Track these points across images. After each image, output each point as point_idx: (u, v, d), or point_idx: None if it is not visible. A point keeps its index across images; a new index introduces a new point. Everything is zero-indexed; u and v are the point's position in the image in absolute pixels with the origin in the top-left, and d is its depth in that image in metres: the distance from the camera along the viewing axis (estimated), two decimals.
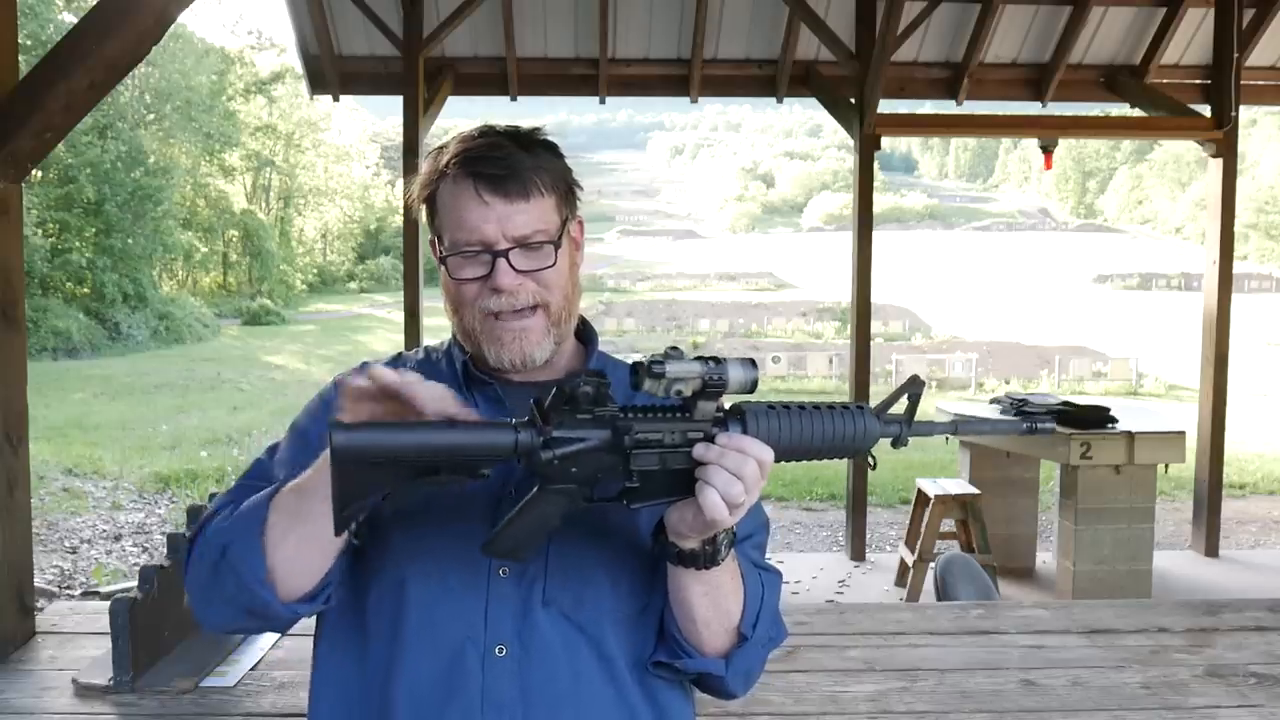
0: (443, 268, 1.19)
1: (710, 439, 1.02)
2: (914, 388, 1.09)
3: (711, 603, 1.12)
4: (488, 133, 1.18)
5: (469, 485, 1.00)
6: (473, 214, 1.14)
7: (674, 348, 1.01)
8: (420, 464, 0.96)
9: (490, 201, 1.13)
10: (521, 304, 1.15)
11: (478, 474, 0.98)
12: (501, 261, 1.14)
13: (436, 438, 0.96)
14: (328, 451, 0.97)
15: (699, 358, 1.00)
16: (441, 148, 1.20)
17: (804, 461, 1.08)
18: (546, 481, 1.00)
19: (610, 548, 1.14)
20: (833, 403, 1.08)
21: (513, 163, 1.14)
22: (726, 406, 1.06)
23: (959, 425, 1.17)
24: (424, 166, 1.20)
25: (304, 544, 1.06)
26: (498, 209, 1.14)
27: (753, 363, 1.02)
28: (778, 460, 1.04)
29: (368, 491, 0.96)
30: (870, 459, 1.09)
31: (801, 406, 1.06)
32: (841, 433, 1.06)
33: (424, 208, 1.21)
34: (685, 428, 1.02)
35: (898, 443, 1.10)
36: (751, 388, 1.03)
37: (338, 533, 0.99)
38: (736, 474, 0.99)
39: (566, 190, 1.21)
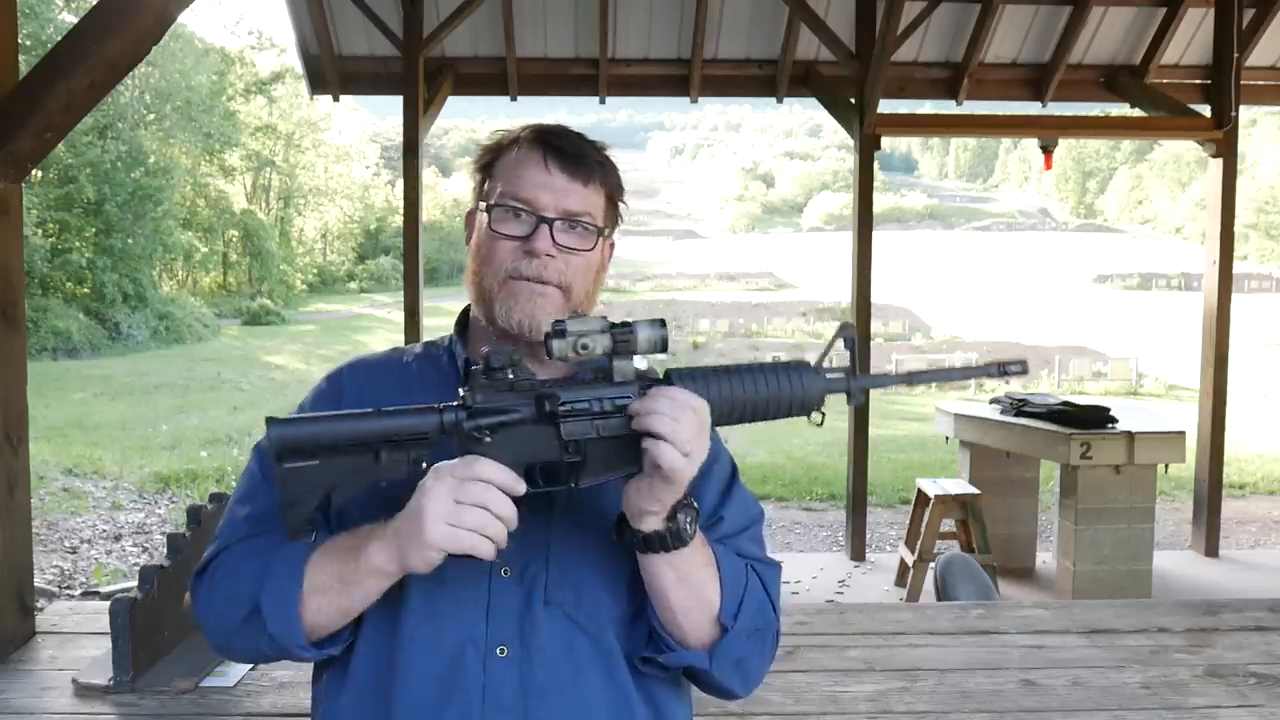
0: (480, 224, 1.23)
1: (638, 395, 1.03)
2: (845, 333, 1.07)
3: (687, 590, 1.11)
4: (562, 126, 1.25)
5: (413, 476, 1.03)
6: (534, 177, 1.19)
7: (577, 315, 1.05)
8: (357, 450, 1.00)
9: (553, 173, 1.19)
10: (548, 277, 1.18)
11: (417, 464, 1.01)
12: (544, 228, 1.17)
13: (367, 424, 1.00)
14: (371, 555, 1.04)
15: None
16: (509, 130, 1.26)
17: (753, 422, 1.08)
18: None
19: (607, 548, 1.14)
20: (767, 362, 1.08)
21: (583, 148, 1.21)
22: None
23: (913, 376, 1.11)
24: (491, 141, 1.26)
25: (345, 616, 1.10)
26: (558, 181, 1.19)
27: (661, 322, 1.04)
28: (720, 423, 1.05)
29: (314, 487, 1.00)
30: (820, 415, 1.08)
31: (735, 368, 1.07)
32: (778, 390, 1.06)
33: (478, 176, 1.25)
34: (611, 393, 1.03)
35: (851, 397, 1.08)
36: (662, 346, 1.04)
37: (293, 537, 1.04)
38: (675, 417, 0.99)
39: (612, 201, 1.26)
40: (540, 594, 1.13)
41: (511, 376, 1.02)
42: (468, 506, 0.98)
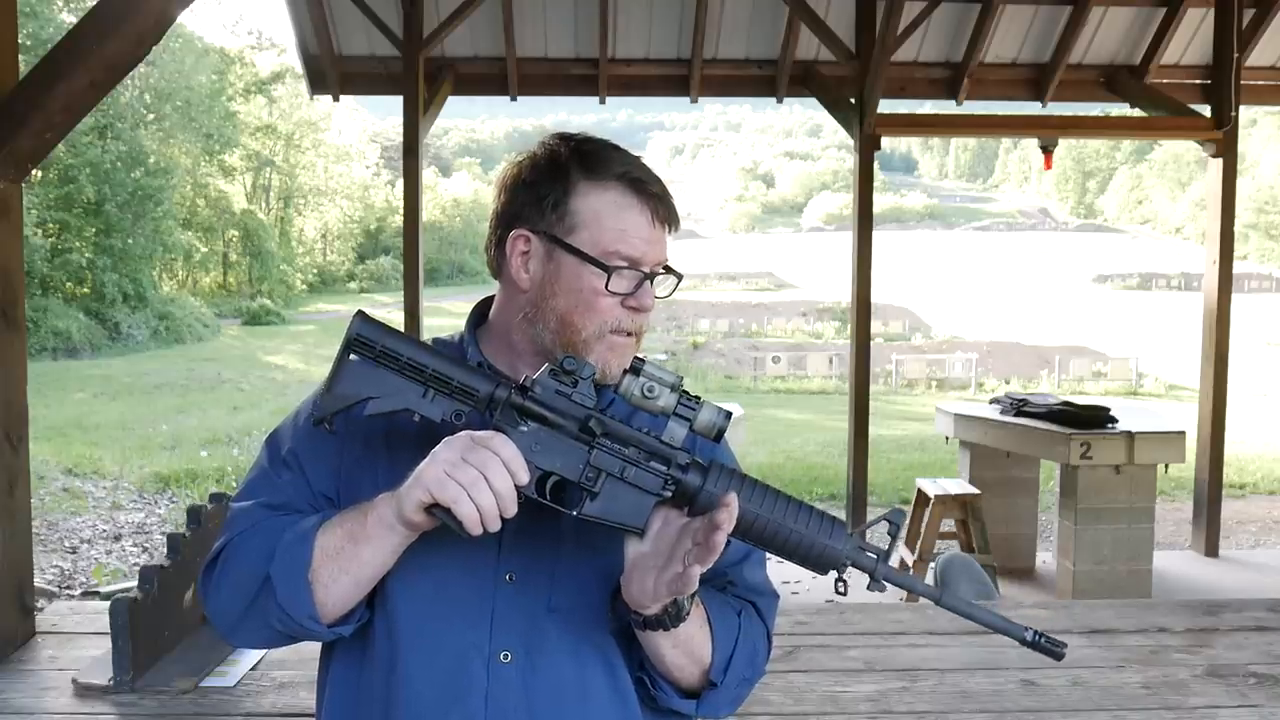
0: (569, 267, 1.16)
1: (677, 463, 1.03)
2: (894, 517, 1.06)
3: (682, 653, 1.14)
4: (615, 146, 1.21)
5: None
6: (645, 233, 1.17)
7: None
8: (412, 373, 1.04)
9: (657, 227, 1.18)
10: (642, 328, 1.20)
11: (457, 418, 1.04)
12: (648, 284, 1.18)
13: (432, 358, 1.05)
14: (378, 508, 1.05)
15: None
16: (567, 140, 1.19)
17: (765, 549, 1.05)
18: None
19: (612, 558, 1.14)
20: (811, 505, 1.06)
21: (666, 188, 1.20)
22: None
23: (943, 599, 1.06)
24: (558, 154, 1.18)
25: (357, 585, 1.09)
26: (659, 235, 1.19)
27: (728, 414, 1.04)
28: (736, 535, 1.02)
29: (359, 385, 1.05)
30: (842, 584, 1.05)
31: (779, 492, 1.04)
32: (801, 531, 1.02)
33: (547, 192, 1.17)
34: (653, 446, 1.04)
35: (873, 579, 1.04)
36: (717, 435, 1.05)
37: (317, 421, 1.07)
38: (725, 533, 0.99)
39: None
40: (545, 601, 1.13)
41: (574, 387, 1.04)
42: (468, 465, 1.00)
